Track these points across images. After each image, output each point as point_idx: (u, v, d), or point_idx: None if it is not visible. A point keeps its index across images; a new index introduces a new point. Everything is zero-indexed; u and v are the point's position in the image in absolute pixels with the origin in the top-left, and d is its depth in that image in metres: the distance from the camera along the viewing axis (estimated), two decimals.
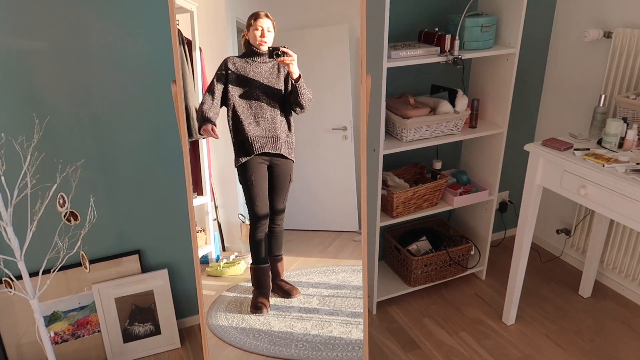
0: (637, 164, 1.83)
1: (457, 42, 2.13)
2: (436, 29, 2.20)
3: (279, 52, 1.68)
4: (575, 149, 1.98)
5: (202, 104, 1.74)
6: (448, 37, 2.13)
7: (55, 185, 1.74)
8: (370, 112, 2.16)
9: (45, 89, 1.84)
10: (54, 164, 1.89)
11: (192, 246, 1.76)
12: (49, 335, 1.99)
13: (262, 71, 1.75)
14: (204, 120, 1.74)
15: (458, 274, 2.68)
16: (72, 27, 1.81)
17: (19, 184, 1.66)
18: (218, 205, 1.98)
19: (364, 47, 1.59)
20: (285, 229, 1.92)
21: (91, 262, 2.13)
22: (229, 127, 1.79)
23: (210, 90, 1.74)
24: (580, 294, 2.63)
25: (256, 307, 1.90)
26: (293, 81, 1.73)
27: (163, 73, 1.99)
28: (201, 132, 1.75)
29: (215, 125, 1.75)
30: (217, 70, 1.74)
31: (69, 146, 1.94)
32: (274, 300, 1.94)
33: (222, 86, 1.74)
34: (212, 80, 1.75)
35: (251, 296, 1.94)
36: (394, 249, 2.65)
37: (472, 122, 2.42)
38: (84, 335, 2.22)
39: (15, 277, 1.79)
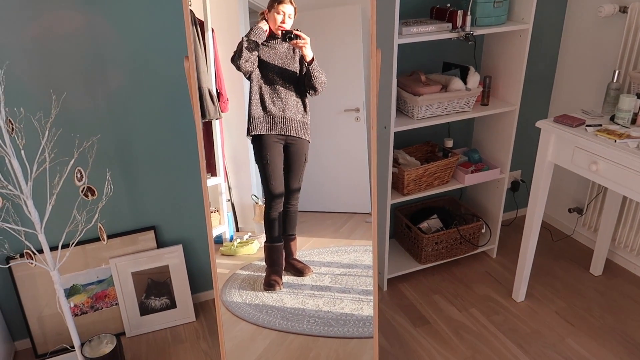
0: None
1: (469, 18, 2.11)
2: (448, 5, 2.18)
3: (292, 35, 1.69)
4: (587, 125, 1.97)
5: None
6: (460, 12, 2.12)
7: (73, 160, 1.79)
8: (381, 90, 2.17)
9: (61, 66, 1.88)
10: (71, 139, 1.93)
11: (206, 224, 1.79)
12: (69, 306, 2.05)
13: (277, 53, 1.76)
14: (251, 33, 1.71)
15: (469, 252, 2.70)
16: (87, 4, 1.83)
17: (37, 159, 1.71)
18: (231, 186, 2.00)
19: (374, 22, 1.59)
20: (299, 210, 1.95)
21: (108, 237, 2.18)
22: (249, 103, 1.80)
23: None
24: (591, 272, 2.64)
25: (269, 285, 1.94)
26: (306, 64, 1.74)
27: (177, 51, 2.01)
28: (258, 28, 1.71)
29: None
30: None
31: (85, 122, 1.98)
32: (286, 278, 1.98)
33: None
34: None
35: (264, 274, 1.98)
36: (405, 227, 2.67)
37: (484, 99, 2.41)
38: (102, 308, 2.29)
39: (36, 250, 1.85)
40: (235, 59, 1.74)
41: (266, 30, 1.74)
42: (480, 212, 2.80)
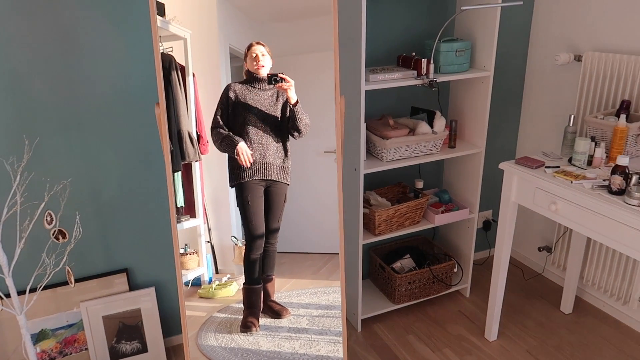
0: (604, 180, 1.90)
1: (432, 66, 2.22)
2: (413, 54, 2.30)
3: (278, 78, 1.77)
4: (546, 167, 2.06)
5: (216, 130, 1.84)
6: (424, 61, 2.23)
7: (44, 204, 1.81)
8: (351, 133, 2.25)
9: (35, 111, 1.92)
10: (43, 183, 1.95)
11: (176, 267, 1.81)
12: (36, 351, 2.02)
13: (261, 99, 1.83)
14: (232, 143, 1.83)
15: (442, 292, 2.73)
16: (63, 50, 1.89)
17: (8, 202, 1.73)
18: (211, 228, 2.02)
19: (337, 71, 1.68)
20: (278, 252, 1.97)
21: (79, 280, 2.17)
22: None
23: (216, 121, 1.84)
24: (561, 310, 2.67)
25: (245, 326, 1.94)
26: (291, 106, 1.81)
27: (151, 95, 2.07)
28: (237, 155, 1.84)
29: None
30: (219, 103, 1.83)
31: (58, 165, 2.01)
32: (263, 320, 1.98)
33: (226, 117, 1.84)
34: (217, 113, 1.84)
35: (241, 317, 1.97)
36: (378, 267, 2.70)
37: (451, 142, 2.51)
38: (71, 353, 2.25)
39: (3, 295, 1.83)
40: (215, 145, 1.85)
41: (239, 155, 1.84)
42: (452, 251, 2.85)
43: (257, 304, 1.96)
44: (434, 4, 2.49)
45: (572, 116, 2.15)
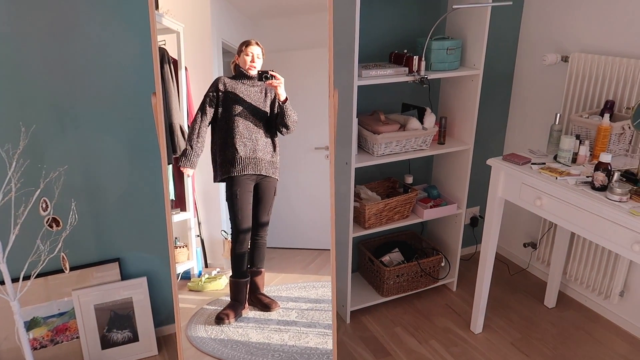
0: (587, 176, 1.96)
1: (423, 63, 2.27)
2: (405, 51, 2.35)
3: (268, 75, 1.80)
4: (532, 163, 2.12)
5: (190, 134, 1.84)
6: (416, 58, 2.27)
7: (39, 191, 1.82)
8: (343, 128, 2.29)
9: (32, 99, 1.94)
10: (38, 170, 1.97)
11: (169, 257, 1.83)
12: (28, 338, 2.03)
13: (250, 94, 1.86)
14: (190, 161, 1.85)
15: (429, 285, 2.78)
16: (59, 40, 1.91)
17: (3, 189, 1.74)
18: (201, 222, 2.04)
19: (331, 65, 1.72)
20: (268, 247, 1.99)
21: (72, 269, 2.19)
22: (214, 145, 1.88)
23: (198, 116, 1.85)
24: (545, 305, 2.74)
25: (218, 318, 1.96)
26: (280, 103, 1.84)
27: (147, 87, 2.09)
28: (180, 167, 1.85)
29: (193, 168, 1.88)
30: (208, 91, 1.84)
31: (53, 153, 2.02)
32: (253, 313, 2.00)
33: (212, 109, 1.84)
34: (204, 102, 1.84)
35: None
36: (367, 260, 2.74)
37: (441, 138, 2.56)
38: (62, 342, 2.26)
39: None
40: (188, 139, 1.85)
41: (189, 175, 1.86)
42: (440, 246, 2.90)
43: (241, 297, 1.98)
44: (426, 3, 2.54)
45: (559, 115, 2.21)
